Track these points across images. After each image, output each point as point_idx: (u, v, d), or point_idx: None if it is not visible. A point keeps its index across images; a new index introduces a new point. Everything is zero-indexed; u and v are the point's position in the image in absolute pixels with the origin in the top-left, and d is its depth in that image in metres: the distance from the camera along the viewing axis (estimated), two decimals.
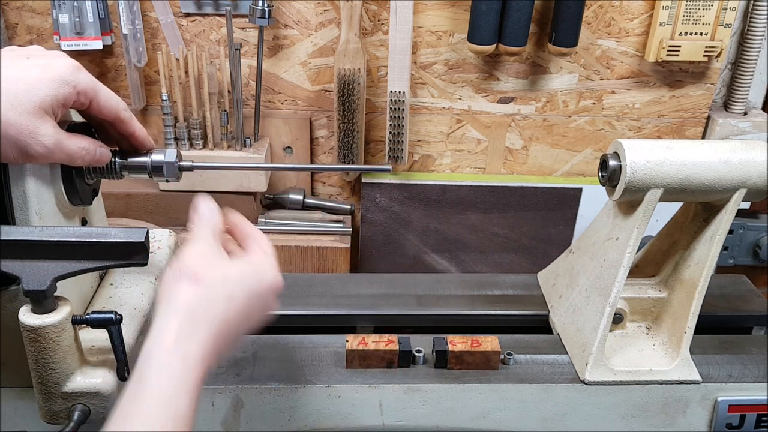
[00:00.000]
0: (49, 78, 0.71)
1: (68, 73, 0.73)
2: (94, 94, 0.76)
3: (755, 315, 1.07)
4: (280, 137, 1.61)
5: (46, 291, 0.70)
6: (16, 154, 0.71)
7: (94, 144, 0.78)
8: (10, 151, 0.70)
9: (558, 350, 0.96)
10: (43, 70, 0.72)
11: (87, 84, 0.75)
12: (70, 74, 0.73)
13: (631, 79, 1.59)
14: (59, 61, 0.74)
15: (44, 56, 0.74)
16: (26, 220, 0.76)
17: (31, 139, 0.70)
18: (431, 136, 1.64)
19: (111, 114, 0.79)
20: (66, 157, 0.75)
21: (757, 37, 1.52)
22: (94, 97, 0.76)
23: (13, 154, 0.71)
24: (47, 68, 0.72)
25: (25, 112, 0.69)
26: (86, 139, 0.78)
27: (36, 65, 0.72)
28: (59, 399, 0.77)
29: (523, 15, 1.42)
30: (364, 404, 0.89)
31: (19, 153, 0.71)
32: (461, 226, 1.69)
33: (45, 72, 0.72)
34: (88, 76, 0.75)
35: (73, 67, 0.74)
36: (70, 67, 0.74)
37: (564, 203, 1.68)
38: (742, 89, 1.58)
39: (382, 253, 1.71)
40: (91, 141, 0.78)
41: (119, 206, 1.58)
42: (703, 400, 0.91)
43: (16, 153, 0.71)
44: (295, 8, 1.51)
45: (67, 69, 0.73)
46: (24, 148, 0.71)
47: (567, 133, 1.64)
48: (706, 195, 0.87)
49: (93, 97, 0.76)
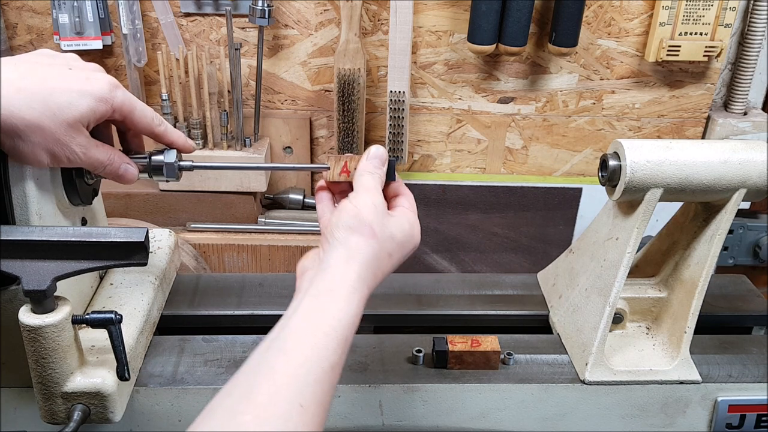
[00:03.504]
0: (90, 93, 0.73)
1: (108, 90, 0.75)
2: (129, 111, 0.78)
3: (755, 315, 1.07)
4: (280, 137, 1.62)
5: (46, 291, 0.70)
6: (48, 159, 0.73)
7: (121, 158, 0.80)
8: (43, 155, 0.72)
9: (558, 350, 0.96)
10: (86, 83, 0.73)
11: (123, 101, 0.77)
12: (108, 92, 0.75)
13: (631, 79, 1.59)
14: (100, 77, 0.76)
15: (85, 69, 0.76)
16: (26, 220, 0.76)
17: (65, 149, 0.73)
18: (431, 136, 1.64)
19: (146, 130, 0.81)
20: (90, 166, 0.77)
21: (757, 37, 1.52)
22: (128, 114, 0.78)
23: (46, 159, 0.73)
24: (89, 82, 0.74)
25: (65, 124, 0.71)
26: (113, 150, 0.79)
27: (78, 78, 0.74)
28: (59, 399, 0.77)
29: (523, 15, 1.42)
30: (364, 404, 0.89)
31: (50, 158, 0.73)
32: (461, 226, 1.69)
33: (87, 86, 0.73)
34: (124, 93, 0.77)
35: (112, 84, 0.76)
36: (109, 84, 0.76)
37: (564, 203, 1.68)
38: (742, 89, 1.58)
39: None
40: (119, 155, 0.80)
41: (119, 206, 1.58)
42: (703, 400, 0.91)
43: (48, 158, 0.73)
44: (295, 8, 1.51)
45: (107, 86, 0.75)
46: (56, 155, 0.73)
47: (567, 133, 1.64)
48: (706, 195, 0.87)
49: (128, 114, 0.78)
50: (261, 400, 0.60)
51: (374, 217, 0.74)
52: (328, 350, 0.65)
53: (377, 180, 0.78)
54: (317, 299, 0.69)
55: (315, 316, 0.67)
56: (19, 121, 0.69)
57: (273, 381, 0.62)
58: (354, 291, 0.70)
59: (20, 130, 0.69)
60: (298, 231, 1.59)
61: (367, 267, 0.72)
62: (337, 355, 0.66)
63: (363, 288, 0.71)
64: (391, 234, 0.75)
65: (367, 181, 0.77)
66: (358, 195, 0.76)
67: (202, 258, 1.58)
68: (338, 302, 0.69)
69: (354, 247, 0.72)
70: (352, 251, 0.72)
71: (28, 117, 0.69)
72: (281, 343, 0.65)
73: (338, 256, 0.72)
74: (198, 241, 1.57)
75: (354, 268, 0.71)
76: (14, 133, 0.69)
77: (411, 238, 0.78)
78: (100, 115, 0.75)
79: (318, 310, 0.68)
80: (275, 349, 0.65)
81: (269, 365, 0.63)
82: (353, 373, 0.90)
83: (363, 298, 0.71)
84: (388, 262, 0.75)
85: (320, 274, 0.71)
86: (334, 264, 0.71)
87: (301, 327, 0.66)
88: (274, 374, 0.62)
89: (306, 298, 0.69)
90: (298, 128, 1.61)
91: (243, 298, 1.03)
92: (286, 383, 0.62)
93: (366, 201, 0.75)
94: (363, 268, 0.71)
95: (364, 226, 0.73)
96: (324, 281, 0.70)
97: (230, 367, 0.90)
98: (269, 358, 0.64)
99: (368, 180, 0.78)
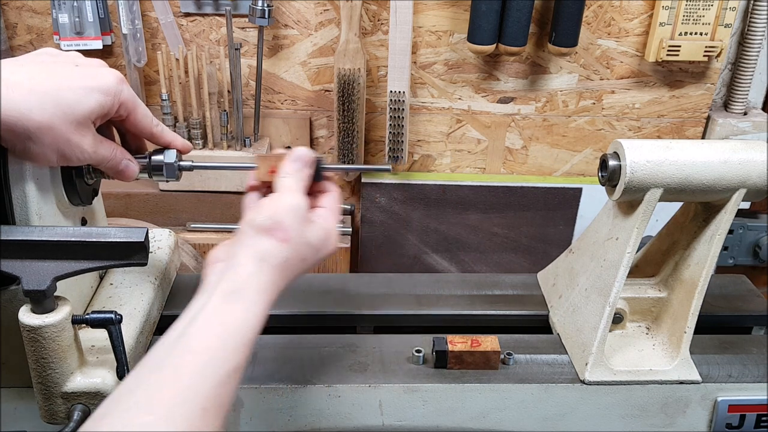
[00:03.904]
0: (97, 89, 0.73)
1: (114, 84, 0.75)
2: (133, 108, 0.78)
3: (755, 315, 1.07)
4: (280, 137, 1.61)
5: (46, 291, 0.70)
6: (57, 158, 0.73)
7: (123, 154, 0.80)
8: (53, 156, 0.72)
9: (558, 350, 0.96)
10: (93, 80, 0.73)
11: (128, 97, 0.77)
12: (115, 85, 0.75)
13: (631, 79, 1.59)
14: (107, 71, 0.75)
15: (90, 65, 0.76)
16: (26, 220, 0.76)
17: (75, 148, 0.73)
18: (431, 136, 1.64)
19: (145, 130, 0.81)
20: (96, 162, 0.77)
21: (757, 37, 1.52)
22: (132, 110, 0.78)
23: (55, 159, 0.73)
24: (96, 79, 0.74)
25: (74, 122, 0.71)
26: (116, 146, 0.79)
27: (85, 75, 0.73)
28: (59, 399, 0.77)
29: (523, 15, 1.42)
30: (364, 404, 0.89)
31: (59, 157, 0.73)
32: (461, 226, 1.69)
33: (94, 82, 0.73)
34: (129, 88, 0.77)
35: (119, 79, 0.76)
36: (116, 78, 0.75)
37: (564, 203, 1.68)
38: (742, 89, 1.58)
39: (382, 253, 1.71)
40: (121, 150, 0.80)
41: (119, 206, 1.58)
42: (703, 400, 0.91)
43: (57, 157, 0.73)
44: (295, 8, 1.51)
45: (114, 80, 0.75)
46: (66, 155, 0.73)
47: (567, 133, 1.64)
48: (706, 195, 0.87)
49: (131, 111, 0.78)
50: (165, 401, 0.59)
51: (291, 221, 0.73)
52: (232, 352, 0.65)
53: (298, 182, 0.78)
54: (225, 299, 0.68)
55: (222, 316, 0.67)
56: (31, 123, 0.68)
57: (177, 381, 0.61)
58: (262, 293, 0.70)
59: (32, 132, 0.69)
60: None
61: (278, 271, 0.72)
62: (241, 358, 0.66)
63: (272, 291, 0.71)
64: (307, 239, 0.75)
65: (288, 183, 0.77)
66: (278, 195, 0.76)
67: (202, 258, 1.58)
68: (246, 304, 0.68)
69: (267, 249, 0.71)
70: (264, 253, 0.71)
71: (40, 119, 0.69)
72: (187, 341, 0.64)
73: (250, 255, 0.71)
74: (198, 241, 1.57)
75: (264, 270, 0.71)
76: (26, 136, 0.69)
77: (326, 244, 0.77)
78: (108, 109, 0.74)
79: (225, 310, 0.67)
80: (181, 347, 0.64)
81: (174, 364, 0.62)
82: (353, 373, 0.90)
83: (271, 301, 0.71)
84: (301, 266, 0.75)
85: (230, 271, 0.70)
86: (245, 263, 0.70)
87: (207, 326, 0.66)
88: (179, 374, 0.62)
89: (214, 297, 0.68)
90: (298, 128, 1.61)
91: None
92: (190, 384, 0.61)
93: (285, 202, 0.75)
94: (274, 272, 0.71)
95: (279, 229, 0.72)
96: (233, 280, 0.69)
97: None
98: (174, 357, 0.63)
99: (289, 181, 0.77)
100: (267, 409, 0.88)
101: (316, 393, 0.88)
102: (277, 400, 0.88)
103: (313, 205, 0.81)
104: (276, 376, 0.89)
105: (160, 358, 0.63)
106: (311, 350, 0.94)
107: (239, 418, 0.88)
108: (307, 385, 0.88)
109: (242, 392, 0.87)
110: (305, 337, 0.96)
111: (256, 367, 0.91)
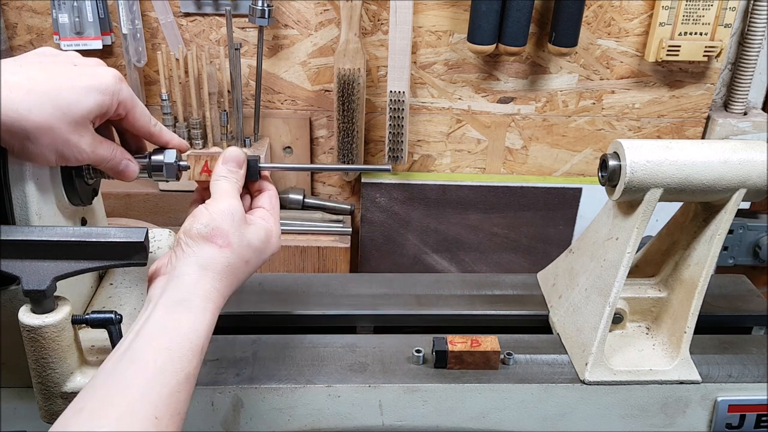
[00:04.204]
0: (96, 88, 0.73)
1: (113, 83, 0.74)
2: (132, 107, 0.77)
3: (755, 315, 1.07)
4: (280, 137, 1.61)
5: (46, 291, 0.70)
6: (56, 158, 0.72)
7: (122, 154, 0.80)
8: (52, 156, 0.72)
9: (558, 350, 0.96)
10: (92, 80, 0.73)
11: (126, 96, 0.76)
12: (114, 84, 0.74)
13: (631, 79, 1.59)
14: (105, 71, 0.75)
15: (89, 65, 0.75)
16: (26, 220, 0.76)
17: (74, 148, 0.72)
18: (431, 136, 1.64)
19: (143, 129, 0.81)
20: (95, 162, 0.77)
21: (757, 37, 1.52)
22: (130, 109, 0.77)
23: (54, 159, 0.72)
24: (94, 78, 0.73)
25: (73, 123, 0.71)
26: (115, 146, 0.79)
27: (84, 74, 0.73)
28: (59, 399, 0.77)
29: (523, 15, 1.42)
30: (364, 404, 0.89)
31: (58, 158, 0.72)
32: (461, 226, 1.69)
33: (93, 81, 0.73)
34: (127, 88, 0.77)
35: (117, 78, 0.75)
36: (114, 77, 0.75)
37: (564, 203, 1.68)
38: (742, 89, 1.58)
39: (382, 253, 1.71)
40: (120, 150, 0.80)
41: (119, 206, 1.58)
42: (703, 400, 0.91)
43: (56, 157, 0.72)
44: (294, 8, 1.51)
45: (113, 79, 0.74)
46: (64, 155, 0.72)
47: (567, 133, 1.64)
48: (706, 195, 0.87)
49: (130, 110, 0.77)
50: (116, 414, 0.60)
51: (230, 226, 0.73)
52: (183, 361, 0.65)
53: (233, 184, 0.78)
54: (169, 309, 0.68)
55: (169, 327, 0.67)
56: (30, 123, 0.68)
57: (128, 394, 0.61)
58: (208, 301, 0.70)
59: (30, 132, 0.68)
60: (298, 231, 1.59)
61: (222, 277, 0.72)
62: (192, 366, 0.66)
63: (218, 298, 0.71)
64: (248, 242, 0.74)
65: (223, 186, 0.77)
66: (213, 201, 0.75)
67: None
68: (193, 312, 0.68)
69: (209, 256, 0.71)
70: (206, 260, 0.71)
71: (38, 119, 0.68)
72: (134, 354, 0.64)
73: (192, 263, 0.71)
74: None
75: (208, 278, 0.71)
76: (24, 136, 0.69)
77: (269, 244, 0.78)
78: (106, 108, 0.74)
79: (172, 321, 0.67)
80: (128, 360, 0.64)
81: (123, 378, 0.63)
82: (353, 373, 0.90)
83: (217, 308, 0.71)
84: (245, 269, 0.75)
85: (173, 282, 0.70)
86: (187, 272, 0.70)
87: (154, 338, 0.66)
88: (129, 387, 0.62)
89: (159, 308, 0.68)
90: (298, 128, 1.61)
91: (242, 298, 1.03)
92: (140, 397, 0.61)
93: (221, 207, 0.74)
94: (217, 279, 0.71)
95: (218, 235, 0.72)
96: (177, 290, 0.69)
97: (229, 366, 0.90)
98: (123, 370, 0.63)
99: (224, 184, 0.77)
100: (267, 409, 0.88)
101: (316, 393, 0.88)
102: (277, 400, 0.88)
103: (251, 205, 0.80)
104: (276, 376, 0.89)
105: (109, 374, 0.64)
106: (311, 350, 0.94)
107: (239, 418, 0.88)
108: (307, 385, 0.88)
109: (242, 392, 0.87)
110: (305, 337, 0.96)
111: (256, 367, 0.91)
